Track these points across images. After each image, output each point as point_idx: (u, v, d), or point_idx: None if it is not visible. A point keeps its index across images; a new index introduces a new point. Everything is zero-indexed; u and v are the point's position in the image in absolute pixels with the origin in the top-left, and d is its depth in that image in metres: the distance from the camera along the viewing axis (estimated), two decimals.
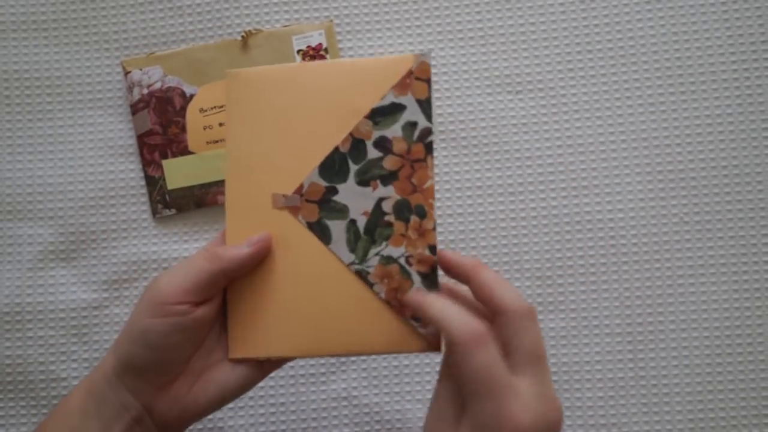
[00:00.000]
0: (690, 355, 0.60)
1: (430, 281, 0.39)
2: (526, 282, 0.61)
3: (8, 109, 0.63)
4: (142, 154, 0.62)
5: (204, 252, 0.38)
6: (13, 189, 0.62)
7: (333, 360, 0.60)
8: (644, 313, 0.60)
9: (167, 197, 0.62)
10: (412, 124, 0.39)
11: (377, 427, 0.60)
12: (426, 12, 0.63)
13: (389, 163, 0.39)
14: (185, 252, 0.62)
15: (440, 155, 0.62)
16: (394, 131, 0.39)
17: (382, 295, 0.39)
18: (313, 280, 0.40)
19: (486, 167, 0.62)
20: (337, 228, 0.40)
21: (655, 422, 0.60)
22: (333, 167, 0.40)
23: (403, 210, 0.39)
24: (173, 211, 0.62)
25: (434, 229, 0.38)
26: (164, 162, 0.62)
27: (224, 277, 0.38)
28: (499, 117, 0.62)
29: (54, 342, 0.61)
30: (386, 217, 0.39)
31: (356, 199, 0.40)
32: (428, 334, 0.39)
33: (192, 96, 0.62)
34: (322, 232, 0.40)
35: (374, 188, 0.40)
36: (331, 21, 0.63)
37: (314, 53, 0.62)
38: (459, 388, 0.33)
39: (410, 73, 0.39)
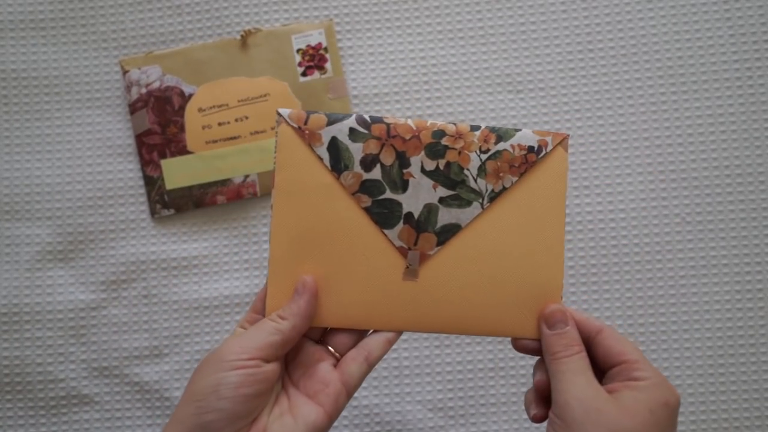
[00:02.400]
0: (692, 356, 0.60)
1: None
2: None
3: (6, 108, 0.62)
4: (140, 154, 0.62)
5: (269, 317, 0.39)
6: (11, 189, 0.62)
7: None
8: (645, 314, 0.60)
9: (166, 197, 0.61)
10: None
11: (377, 428, 0.60)
12: (426, 11, 0.63)
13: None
14: (184, 252, 0.61)
15: None
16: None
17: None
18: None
19: None
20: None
21: None
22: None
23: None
24: (172, 211, 0.61)
25: None
26: (163, 162, 0.61)
27: (296, 334, 0.39)
28: (499, 117, 0.62)
29: (52, 343, 0.61)
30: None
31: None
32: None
33: (191, 95, 0.62)
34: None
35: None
36: (331, 20, 0.62)
37: (314, 52, 0.62)
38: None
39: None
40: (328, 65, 0.62)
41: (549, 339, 0.38)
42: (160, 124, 0.61)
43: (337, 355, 0.41)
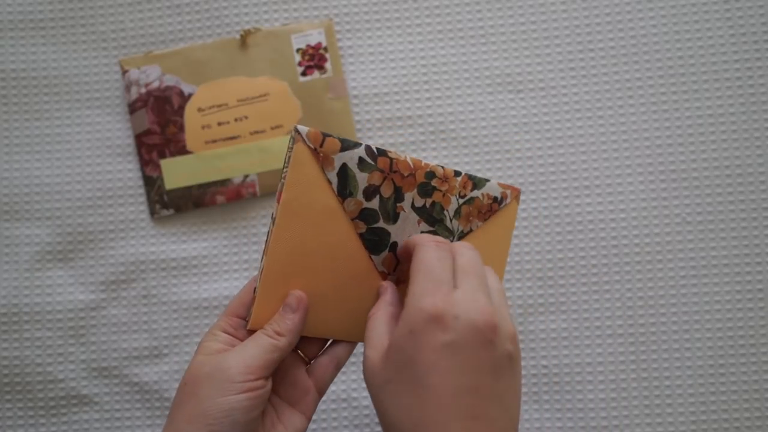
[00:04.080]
0: (692, 356, 0.60)
1: None
2: (527, 282, 0.61)
3: (5, 108, 0.62)
4: (140, 154, 0.62)
5: (263, 333, 0.40)
6: (10, 189, 0.62)
7: None
8: (646, 314, 0.60)
9: (165, 197, 0.61)
10: None
11: (377, 429, 0.60)
12: (426, 11, 0.63)
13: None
14: (184, 252, 0.61)
15: (440, 155, 0.62)
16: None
17: None
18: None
19: (486, 167, 0.62)
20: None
21: (657, 424, 0.59)
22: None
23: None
24: (171, 211, 0.61)
25: None
26: (162, 162, 0.61)
27: (290, 350, 0.40)
28: (499, 116, 0.62)
29: (51, 343, 0.61)
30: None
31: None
32: None
33: (190, 95, 0.62)
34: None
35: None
36: (331, 20, 0.62)
37: (313, 52, 0.62)
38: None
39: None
40: (327, 65, 0.62)
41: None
42: (159, 123, 0.61)
43: (306, 359, 0.43)
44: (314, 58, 0.62)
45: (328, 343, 0.44)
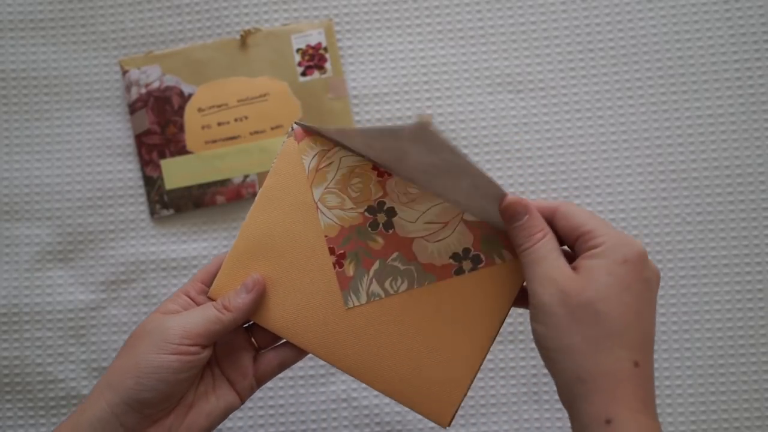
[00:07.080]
0: (692, 356, 0.60)
1: None
2: None
3: (5, 108, 0.62)
4: (140, 154, 0.62)
5: (213, 304, 0.41)
6: (10, 189, 0.62)
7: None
8: None
9: (165, 197, 0.61)
10: None
11: (377, 429, 0.60)
12: (426, 11, 0.63)
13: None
14: (183, 252, 0.61)
15: None
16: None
17: None
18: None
19: (486, 167, 0.62)
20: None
21: None
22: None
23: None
24: (171, 211, 0.61)
25: None
26: (162, 162, 0.61)
27: (234, 326, 0.41)
28: (499, 116, 0.62)
29: (51, 343, 0.61)
30: None
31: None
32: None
33: (190, 95, 0.62)
34: None
35: None
36: (331, 20, 0.62)
37: (313, 52, 0.62)
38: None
39: None
40: (327, 65, 0.62)
41: (511, 233, 0.38)
42: (159, 124, 0.61)
43: (256, 346, 0.44)
44: (314, 58, 0.62)
45: (281, 341, 0.44)
